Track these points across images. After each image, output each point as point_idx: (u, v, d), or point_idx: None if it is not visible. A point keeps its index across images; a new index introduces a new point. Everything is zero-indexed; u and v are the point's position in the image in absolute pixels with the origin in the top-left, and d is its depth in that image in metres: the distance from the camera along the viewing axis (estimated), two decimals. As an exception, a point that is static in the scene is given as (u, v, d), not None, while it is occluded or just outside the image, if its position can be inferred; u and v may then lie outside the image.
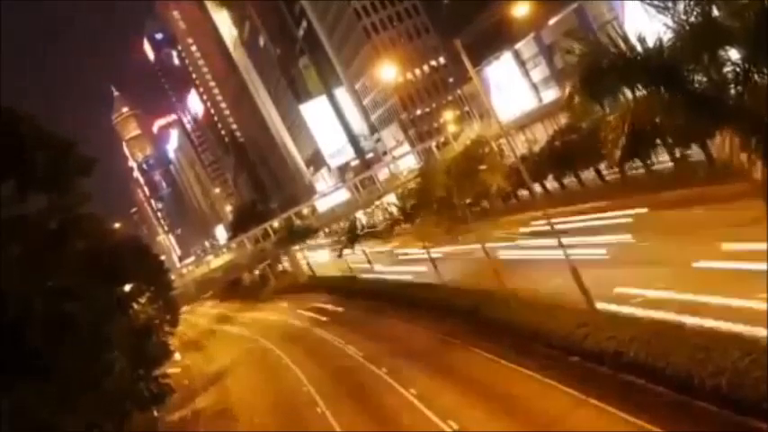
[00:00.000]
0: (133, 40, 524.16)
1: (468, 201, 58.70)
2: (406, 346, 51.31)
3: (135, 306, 66.45)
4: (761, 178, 18.48)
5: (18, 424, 34.85)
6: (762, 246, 26.71)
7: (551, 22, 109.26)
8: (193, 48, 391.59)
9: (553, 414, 29.48)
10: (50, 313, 36.20)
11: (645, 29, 19.69)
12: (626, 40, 19.56)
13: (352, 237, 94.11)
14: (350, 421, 40.84)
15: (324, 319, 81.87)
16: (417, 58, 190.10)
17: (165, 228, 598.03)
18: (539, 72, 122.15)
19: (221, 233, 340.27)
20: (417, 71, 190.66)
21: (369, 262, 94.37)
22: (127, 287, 63.62)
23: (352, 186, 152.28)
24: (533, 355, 35.44)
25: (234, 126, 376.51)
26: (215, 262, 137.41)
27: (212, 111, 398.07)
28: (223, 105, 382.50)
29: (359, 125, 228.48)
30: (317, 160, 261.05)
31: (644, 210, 54.27)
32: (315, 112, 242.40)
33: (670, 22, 18.94)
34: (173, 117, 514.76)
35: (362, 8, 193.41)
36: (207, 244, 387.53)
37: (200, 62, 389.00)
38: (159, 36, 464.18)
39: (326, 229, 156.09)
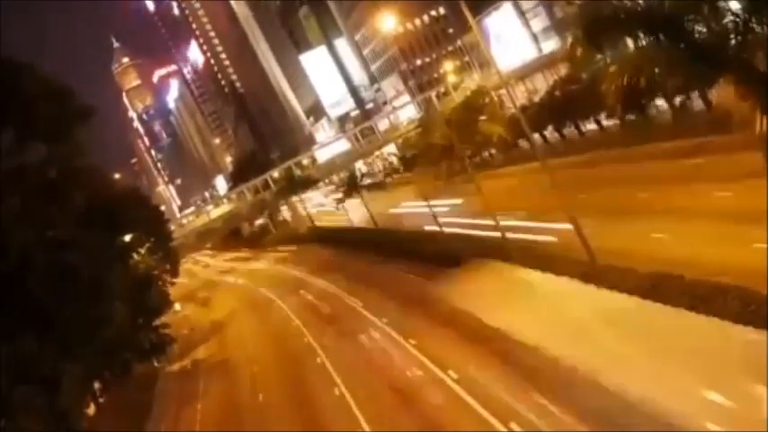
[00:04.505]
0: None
1: (468, 151, 58.60)
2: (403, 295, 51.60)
3: (135, 256, 66.74)
4: (761, 129, 18.51)
5: (19, 373, 35.10)
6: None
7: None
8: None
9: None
10: (51, 263, 36.31)
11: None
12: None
13: (352, 186, 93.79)
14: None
15: (320, 268, 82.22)
16: (417, 9, 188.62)
17: (165, 178, 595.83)
18: (538, 22, 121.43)
19: (221, 183, 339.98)
20: (417, 21, 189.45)
21: (371, 217, 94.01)
22: (127, 237, 63.79)
23: (351, 137, 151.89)
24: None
25: (234, 76, 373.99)
26: (215, 212, 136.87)
27: (212, 61, 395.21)
28: (223, 56, 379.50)
29: (359, 75, 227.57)
30: (317, 110, 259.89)
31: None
32: (315, 62, 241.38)
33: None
34: (173, 67, 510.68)
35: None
36: (207, 194, 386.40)
37: (200, 12, 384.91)
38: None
39: (326, 180, 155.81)
